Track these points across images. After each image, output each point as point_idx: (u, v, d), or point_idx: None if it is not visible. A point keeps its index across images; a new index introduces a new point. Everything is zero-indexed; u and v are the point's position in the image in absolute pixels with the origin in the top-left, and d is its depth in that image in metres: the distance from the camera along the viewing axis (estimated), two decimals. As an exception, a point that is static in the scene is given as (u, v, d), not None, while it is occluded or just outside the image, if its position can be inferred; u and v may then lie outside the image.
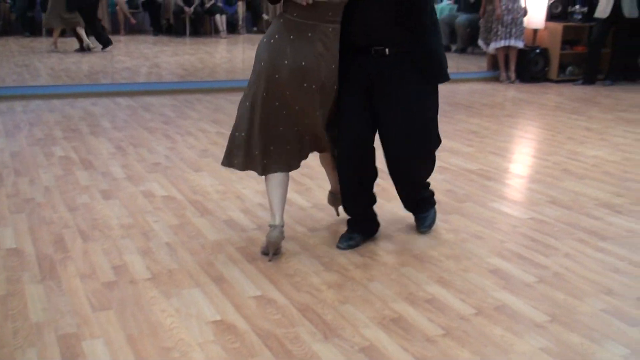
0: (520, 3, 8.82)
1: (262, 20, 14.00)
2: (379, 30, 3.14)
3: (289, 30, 3.07)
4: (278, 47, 3.08)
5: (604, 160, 5.19)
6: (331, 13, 3.04)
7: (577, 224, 3.80)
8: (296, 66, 3.05)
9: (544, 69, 9.16)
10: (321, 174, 4.64)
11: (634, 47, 9.25)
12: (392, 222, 3.76)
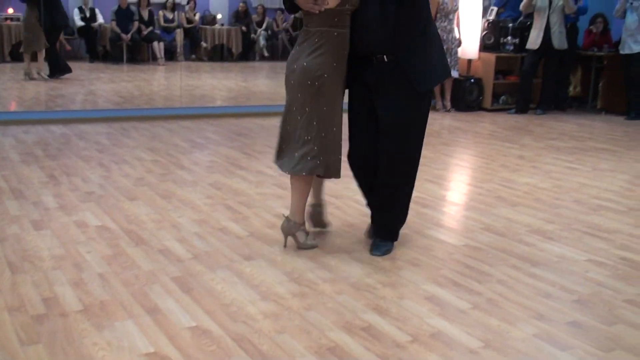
0: (455, 34, 9.03)
1: (200, 48, 13.99)
2: (377, 39, 3.46)
3: (303, 38, 3.54)
4: (294, 56, 3.56)
5: (536, 187, 5.32)
6: (337, 19, 3.45)
7: (510, 250, 3.87)
8: (300, 69, 3.48)
9: (478, 98, 9.36)
10: (259, 202, 4.63)
11: (564, 77, 9.57)
12: (329, 251, 3.77)
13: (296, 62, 3.52)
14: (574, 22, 9.32)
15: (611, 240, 4.10)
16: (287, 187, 5.03)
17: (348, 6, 3.46)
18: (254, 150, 6.35)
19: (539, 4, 8.87)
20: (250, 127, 7.56)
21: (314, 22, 3.48)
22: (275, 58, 14.95)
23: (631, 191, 5.29)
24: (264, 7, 15.13)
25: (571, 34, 9.22)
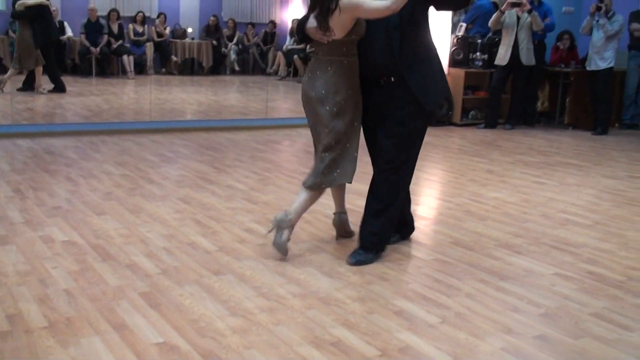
0: (424, 49, 9.08)
1: (171, 62, 13.95)
2: (384, 64, 3.75)
3: (317, 67, 3.83)
4: (308, 83, 3.85)
5: (504, 201, 5.36)
6: (345, 49, 3.74)
7: (478, 264, 3.90)
8: (318, 94, 3.78)
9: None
10: (228, 217, 4.62)
11: (532, 93, 9.69)
12: (299, 265, 3.76)
13: (314, 90, 3.81)
14: (541, 39, 9.45)
15: (578, 254, 4.15)
16: (256, 201, 5.04)
17: (354, 36, 3.73)
18: (224, 164, 6.33)
19: (508, 21, 8.99)
20: (220, 141, 7.54)
21: (325, 52, 3.78)
22: (246, 72, 14.97)
23: (597, 205, 5.36)
24: (235, 21, 15.15)
25: (539, 51, 9.35)
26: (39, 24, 9.74)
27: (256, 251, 3.97)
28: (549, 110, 10.18)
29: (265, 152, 7.08)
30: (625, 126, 9.77)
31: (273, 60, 14.83)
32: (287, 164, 6.66)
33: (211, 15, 14.78)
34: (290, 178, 5.87)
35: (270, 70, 14.75)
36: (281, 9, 16.17)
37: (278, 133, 8.30)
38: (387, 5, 3.47)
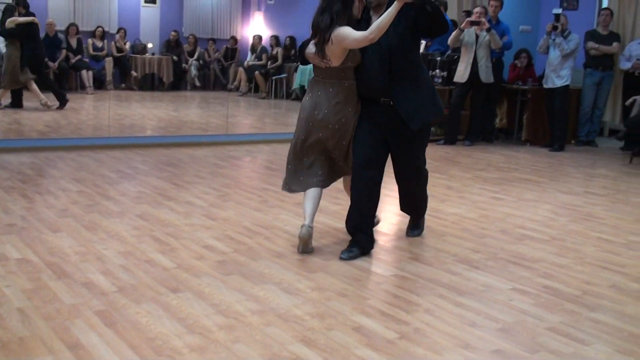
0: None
1: (130, 77, 13.84)
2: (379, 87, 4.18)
3: (318, 88, 4.26)
4: (312, 102, 4.25)
5: (463, 217, 5.41)
6: (343, 74, 4.19)
7: (437, 279, 3.92)
8: (323, 115, 4.20)
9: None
10: (187, 233, 4.58)
11: (490, 110, 9.82)
12: (258, 282, 3.74)
13: (317, 109, 4.23)
14: (499, 57, 9.59)
15: (535, 269, 4.20)
16: (216, 217, 5.00)
17: (350, 64, 4.18)
18: (184, 180, 6.28)
19: (467, 39, 9.11)
20: (180, 157, 7.49)
21: (325, 75, 4.23)
22: (207, 88, 14.92)
23: (554, 221, 5.43)
24: (196, 37, 15.11)
25: (497, 68, 9.49)
26: (29, 42, 9.71)
27: (215, 268, 3.94)
28: (507, 126, 10.33)
29: (225, 168, 7.05)
30: (581, 143, 9.95)
31: (234, 76, 14.82)
32: (247, 180, 6.63)
33: (172, 30, 14.72)
34: (250, 194, 5.85)
35: (231, 86, 14.73)
36: (242, 25, 16.18)
37: (239, 149, 8.28)
38: (365, 35, 3.94)
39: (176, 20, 15.23)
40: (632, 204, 6.20)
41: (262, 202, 5.61)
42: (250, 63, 14.36)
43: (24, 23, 9.68)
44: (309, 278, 3.84)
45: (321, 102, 4.22)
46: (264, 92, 14.08)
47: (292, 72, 14.00)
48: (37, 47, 10.05)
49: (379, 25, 3.89)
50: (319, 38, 4.12)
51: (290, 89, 13.98)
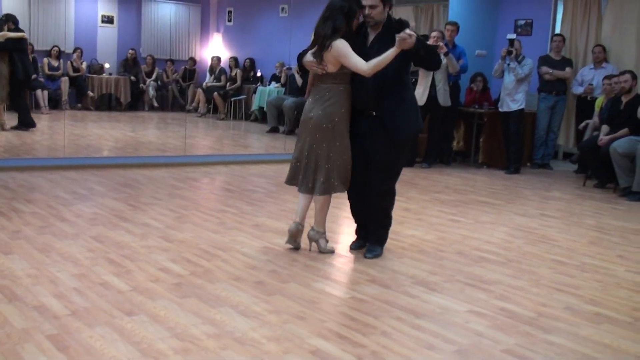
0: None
1: (87, 97, 13.67)
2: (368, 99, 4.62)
3: (316, 92, 4.70)
4: (309, 106, 4.70)
5: (421, 239, 5.44)
6: (338, 79, 4.61)
7: (394, 302, 3.92)
8: (317, 115, 4.61)
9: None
10: (143, 255, 4.51)
11: (448, 132, 9.93)
12: (214, 305, 3.69)
13: (312, 111, 4.65)
14: (456, 81, 9.73)
15: (491, 291, 4.23)
16: (172, 239, 4.95)
17: (346, 70, 4.57)
18: (140, 201, 6.20)
19: (424, 63, 9.20)
20: (137, 178, 7.41)
21: (323, 81, 4.65)
22: (165, 108, 14.81)
23: (510, 243, 5.49)
24: (154, 57, 15.01)
25: (454, 92, 9.62)
26: (19, 58, 9.57)
27: (171, 290, 3.88)
28: (464, 149, 10.45)
29: (182, 189, 6.99)
30: (537, 165, 10.10)
31: (193, 97, 14.74)
32: (205, 202, 6.58)
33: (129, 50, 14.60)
34: (207, 216, 5.80)
35: (189, 107, 14.65)
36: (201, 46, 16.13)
37: (196, 170, 8.22)
38: (363, 67, 4.42)
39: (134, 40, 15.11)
40: (585, 226, 6.31)
41: (220, 223, 5.56)
42: (209, 84, 14.32)
43: (14, 38, 9.55)
44: (266, 301, 3.81)
45: (316, 104, 4.65)
46: (222, 114, 14.04)
47: (251, 94, 13.99)
48: (27, 62, 9.92)
49: (377, 64, 4.39)
50: (319, 45, 4.54)
51: (249, 111, 13.96)
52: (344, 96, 4.65)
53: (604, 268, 4.91)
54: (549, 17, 10.47)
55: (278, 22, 14.31)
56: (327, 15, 4.58)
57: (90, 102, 13.74)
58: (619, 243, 5.71)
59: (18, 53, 9.67)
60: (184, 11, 15.34)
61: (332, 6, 4.59)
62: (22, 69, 9.71)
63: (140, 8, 14.74)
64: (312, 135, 4.68)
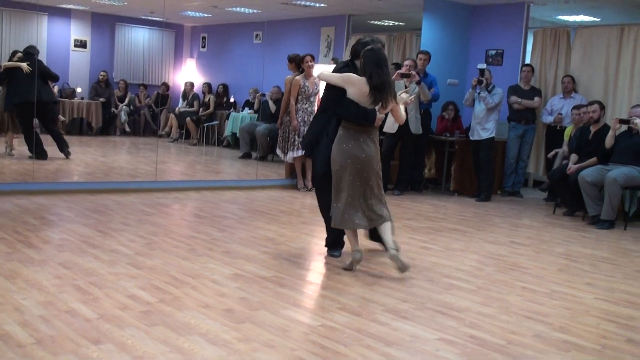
0: (316, 115, 9.27)
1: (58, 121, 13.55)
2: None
3: (359, 134, 5.13)
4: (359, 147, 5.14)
5: (391, 267, 5.43)
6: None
7: (365, 330, 3.90)
8: (369, 156, 5.16)
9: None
10: (111, 282, 4.46)
11: (419, 160, 9.99)
12: (183, 334, 3.65)
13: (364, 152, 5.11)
14: (427, 109, 9.81)
15: (461, 318, 4.23)
16: (141, 266, 4.90)
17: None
18: (109, 228, 6.14)
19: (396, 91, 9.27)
20: (107, 204, 7.34)
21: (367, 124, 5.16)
22: (137, 133, 14.73)
23: (480, 270, 5.51)
24: (127, 82, 14.97)
25: (425, 120, 9.69)
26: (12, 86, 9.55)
27: (139, 318, 3.83)
28: (436, 177, 10.52)
29: (153, 215, 6.93)
30: (507, 193, 10.19)
31: (165, 122, 14.70)
32: (175, 228, 6.53)
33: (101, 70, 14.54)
34: (177, 242, 5.76)
35: (162, 132, 14.59)
36: (174, 71, 16.12)
37: (167, 196, 8.17)
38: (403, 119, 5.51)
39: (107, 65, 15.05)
40: (555, 254, 6.36)
41: (190, 250, 5.52)
42: (182, 109, 14.29)
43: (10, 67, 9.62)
44: (235, 329, 3.77)
45: (365, 145, 5.13)
46: (195, 139, 14.01)
47: (223, 119, 13.99)
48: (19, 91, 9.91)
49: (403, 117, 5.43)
50: (390, 92, 5.10)
51: (221, 136, 13.95)
52: (376, 140, 5.25)
53: (572, 296, 4.94)
54: (519, 47, 10.63)
55: (252, 48, 14.36)
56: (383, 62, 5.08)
57: (61, 127, 13.61)
58: (587, 271, 5.76)
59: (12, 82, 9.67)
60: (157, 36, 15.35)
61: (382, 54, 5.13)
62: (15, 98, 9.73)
63: (114, 32, 14.73)
64: (361, 174, 5.12)
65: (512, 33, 10.66)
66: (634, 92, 9.39)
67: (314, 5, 11.80)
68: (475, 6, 11.03)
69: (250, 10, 13.04)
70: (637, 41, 9.41)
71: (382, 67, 5.06)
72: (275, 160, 11.21)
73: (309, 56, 9.22)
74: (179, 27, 15.82)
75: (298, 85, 9.09)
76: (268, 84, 12.43)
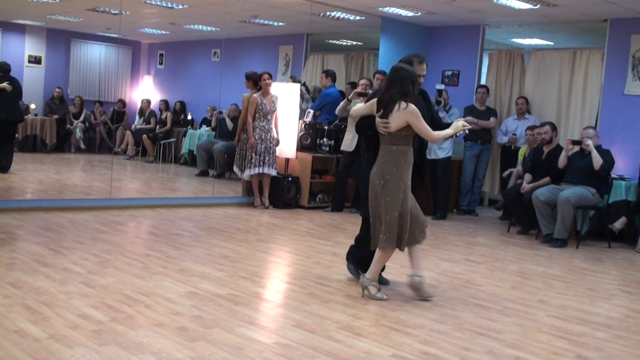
0: (273, 133, 9.28)
1: (11, 138, 13.32)
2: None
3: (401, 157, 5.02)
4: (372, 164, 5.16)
5: (347, 284, 5.44)
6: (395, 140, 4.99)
7: (319, 347, 3.89)
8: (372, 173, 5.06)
9: (295, 196, 9.58)
10: (62, 301, 4.38)
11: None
12: (134, 352, 3.60)
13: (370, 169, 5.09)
14: (384, 127, 9.87)
15: (415, 335, 4.25)
16: (94, 285, 4.82)
17: (404, 133, 4.96)
18: (62, 246, 6.03)
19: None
20: (60, 222, 7.21)
21: (381, 141, 5.05)
22: (92, 150, 14.55)
23: (435, 287, 5.54)
24: (82, 98, 14.80)
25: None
26: None
27: (90, 338, 3.77)
28: (393, 195, 10.56)
29: (107, 233, 6.83)
30: (463, 212, 10.29)
31: (121, 139, 14.55)
32: (130, 246, 6.44)
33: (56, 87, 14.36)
34: (131, 260, 5.69)
35: (117, 149, 14.44)
36: (131, 88, 16.00)
37: (122, 214, 8.06)
38: (433, 135, 5.02)
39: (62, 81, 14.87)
40: (508, 271, 6.44)
41: (144, 268, 5.46)
42: (138, 126, 14.17)
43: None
44: (189, 347, 3.73)
45: (375, 163, 5.07)
46: (151, 156, 13.89)
47: (180, 137, 13.89)
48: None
49: (443, 136, 5.16)
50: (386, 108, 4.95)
51: (178, 154, 13.85)
52: (396, 156, 4.98)
53: (525, 313, 5.00)
54: (474, 68, 10.80)
55: (210, 66, 14.33)
56: (394, 80, 4.98)
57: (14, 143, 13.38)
58: (540, 288, 5.84)
59: None
60: (113, 52, 15.23)
61: (398, 73, 5.02)
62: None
63: (69, 48, 14.58)
64: (371, 193, 5.08)
65: (467, 54, 10.83)
66: (586, 114, 9.60)
67: (272, 24, 11.84)
68: (432, 27, 11.19)
69: (209, 28, 13.02)
70: (588, 65, 9.64)
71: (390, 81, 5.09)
72: (233, 177, 11.16)
73: (267, 74, 9.23)
74: (136, 43, 15.72)
75: (255, 103, 9.09)
76: (226, 102, 12.40)
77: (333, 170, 10.03)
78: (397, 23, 10.82)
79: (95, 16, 12.19)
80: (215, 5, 10.38)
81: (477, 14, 9.82)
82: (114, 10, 11.52)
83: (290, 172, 9.73)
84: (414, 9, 9.81)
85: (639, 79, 9.01)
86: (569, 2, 8.43)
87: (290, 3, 10.05)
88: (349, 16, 10.64)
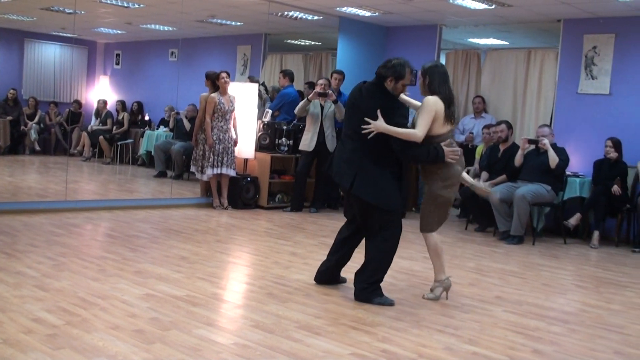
0: (232, 134, 9.23)
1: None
2: None
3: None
4: None
5: (306, 283, 5.44)
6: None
7: (277, 347, 3.88)
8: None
9: (254, 196, 9.54)
10: (15, 305, 4.30)
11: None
12: (89, 356, 3.54)
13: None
14: (342, 127, 9.88)
15: (374, 333, 4.27)
16: (48, 288, 4.74)
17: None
18: (15, 249, 5.91)
19: (312, 110, 9.35)
20: (13, 225, 7.07)
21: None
22: (47, 152, 14.30)
23: (394, 286, 5.57)
24: (37, 99, 14.55)
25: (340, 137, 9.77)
26: None
27: (44, 342, 3.70)
28: (352, 194, 10.58)
29: (62, 236, 6.72)
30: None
31: (77, 141, 14.33)
32: (86, 249, 6.34)
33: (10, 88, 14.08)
34: (87, 263, 5.60)
35: (73, 150, 14.22)
36: (87, 89, 15.77)
37: (78, 216, 7.94)
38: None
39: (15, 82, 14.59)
40: (466, 268, 6.50)
41: (100, 271, 5.38)
42: (95, 127, 13.98)
43: None
44: (146, 350, 3.69)
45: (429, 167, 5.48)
46: (108, 158, 13.71)
47: (138, 138, 13.75)
48: None
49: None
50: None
51: (136, 155, 13.70)
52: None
53: (482, 309, 5.06)
54: (431, 67, 10.86)
55: (167, 66, 14.20)
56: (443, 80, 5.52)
57: (-36, 146, 13.11)
58: (497, 284, 5.91)
59: None
60: (68, 52, 15.00)
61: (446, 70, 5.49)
62: None
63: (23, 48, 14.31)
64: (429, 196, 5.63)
65: (425, 54, 10.88)
66: (541, 112, 9.75)
67: (230, 23, 11.78)
68: (389, 27, 11.25)
69: (166, 28, 12.91)
70: (543, 64, 9.79)
71: (449, 82, 5.50)
72: (191, 178, 11.07)
73: (225, 73, 9.17)
74: (92, 43, 15.51)
75: (214, 103, 9.03)
76: (183, 102, 12.31)
77: (292, 170, 10.01)
78: (355, 23, 10.86)
79: (50, 15, 12.00)
80: (172, 5, 10.29)
81: (434, 14, 9.90)
82: (68, 10, 11.36)
83: (249, 172, 9.69)
84: (371, 9, 9.86)
85: (591, 78, 9.19)
86: (524, 2, 8.56)
87: (247, 3, 10.02)
88: (307, 16, 10.65)
